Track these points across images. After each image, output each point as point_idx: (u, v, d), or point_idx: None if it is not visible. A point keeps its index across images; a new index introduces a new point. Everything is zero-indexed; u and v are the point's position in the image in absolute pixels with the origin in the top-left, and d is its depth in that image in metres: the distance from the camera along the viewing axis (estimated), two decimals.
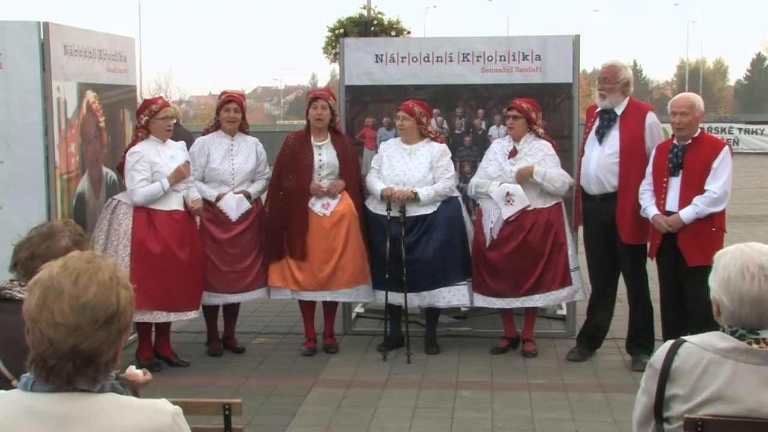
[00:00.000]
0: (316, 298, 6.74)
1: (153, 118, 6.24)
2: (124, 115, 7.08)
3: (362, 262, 6.68)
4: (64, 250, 2.86)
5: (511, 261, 6.50)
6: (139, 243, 6.09)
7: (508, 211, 6.43)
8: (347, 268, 6.61)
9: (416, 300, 6.59)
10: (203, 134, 6.76)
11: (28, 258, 2.95)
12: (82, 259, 1.93)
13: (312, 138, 6.68)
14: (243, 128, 6.77)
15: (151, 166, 6.19)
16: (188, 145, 6.61)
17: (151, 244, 6.11)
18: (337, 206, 6.61)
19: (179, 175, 6.28)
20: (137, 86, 7.63)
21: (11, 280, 2.96)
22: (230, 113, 6.63)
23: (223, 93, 6.77)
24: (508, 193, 6.43)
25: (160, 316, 6.18)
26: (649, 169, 6.07)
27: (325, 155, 6.63)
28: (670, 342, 2.55)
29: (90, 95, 6.51)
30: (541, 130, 6.58)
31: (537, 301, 6.60)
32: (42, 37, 5.93)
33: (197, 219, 6.48)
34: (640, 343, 6.37)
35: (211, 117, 6.87)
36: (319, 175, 6.65)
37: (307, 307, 6.82)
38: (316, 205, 6.62)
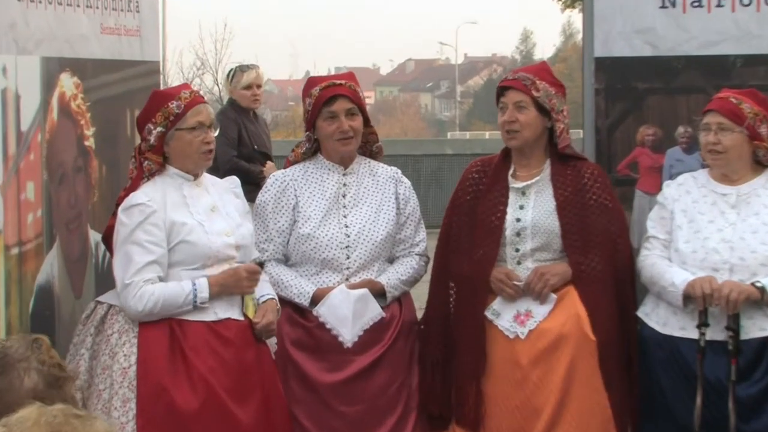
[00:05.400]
0: None
1: (173, 130, 4.47)
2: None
3: None
4: (28, 396, 2.49)
5: None
6: (155, 390, 4.30)
7: None
8: None
9: None
10: (286, 165, 4.97)
11: None
12: (52, 426, 1.86)
13: (514, 168, 4.77)
14: (368, 147, 4.79)
15: (171, 230, 4.38)
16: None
17: (179, 392, 4.33)
18: (549, 319, 4.67)
19: (235, 285, 4.42)
20: (160, 62, 6.23)
21: None
22: (340, 121, 4.63)
23: (312, 80, 4.91)
24: None
25: None
26: None
27: (531, 206, 4.66)
28: None
29: (67, 82, 4.95)
30: None
31: None
32: None
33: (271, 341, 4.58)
34: None
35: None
36: (516, 249, 4.68)
37: None
38: (504, 317, 4.71)
